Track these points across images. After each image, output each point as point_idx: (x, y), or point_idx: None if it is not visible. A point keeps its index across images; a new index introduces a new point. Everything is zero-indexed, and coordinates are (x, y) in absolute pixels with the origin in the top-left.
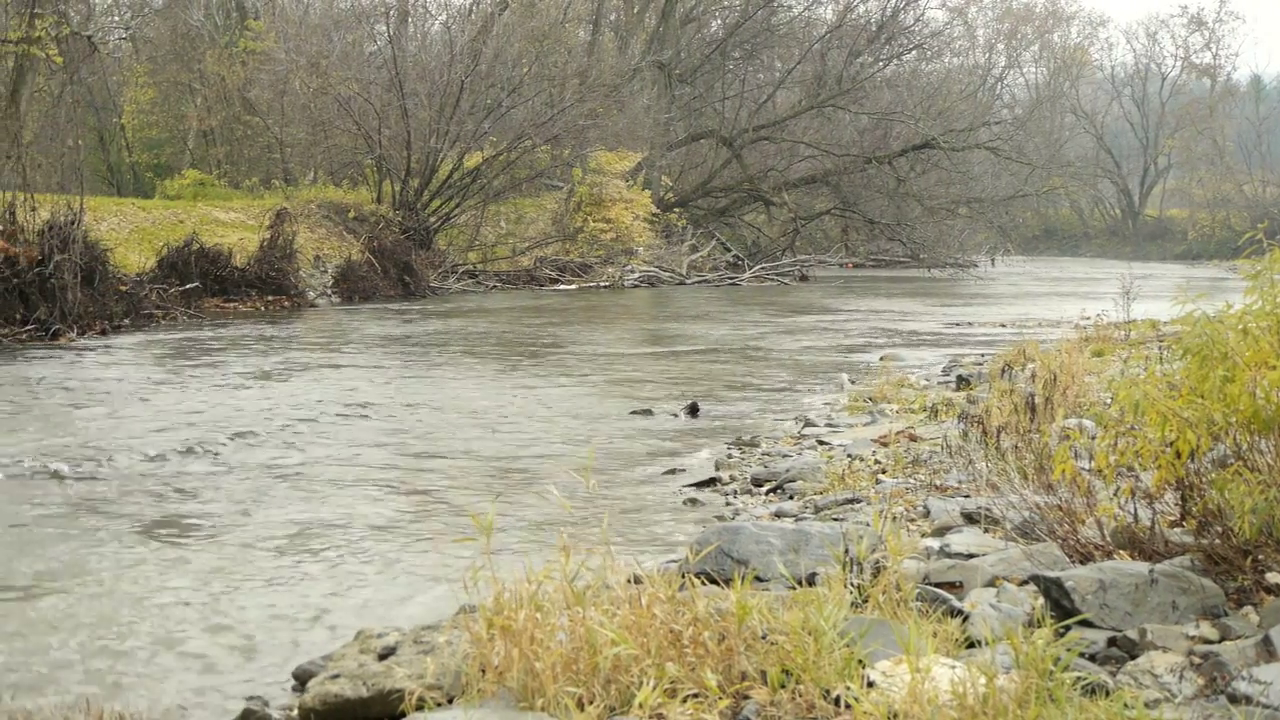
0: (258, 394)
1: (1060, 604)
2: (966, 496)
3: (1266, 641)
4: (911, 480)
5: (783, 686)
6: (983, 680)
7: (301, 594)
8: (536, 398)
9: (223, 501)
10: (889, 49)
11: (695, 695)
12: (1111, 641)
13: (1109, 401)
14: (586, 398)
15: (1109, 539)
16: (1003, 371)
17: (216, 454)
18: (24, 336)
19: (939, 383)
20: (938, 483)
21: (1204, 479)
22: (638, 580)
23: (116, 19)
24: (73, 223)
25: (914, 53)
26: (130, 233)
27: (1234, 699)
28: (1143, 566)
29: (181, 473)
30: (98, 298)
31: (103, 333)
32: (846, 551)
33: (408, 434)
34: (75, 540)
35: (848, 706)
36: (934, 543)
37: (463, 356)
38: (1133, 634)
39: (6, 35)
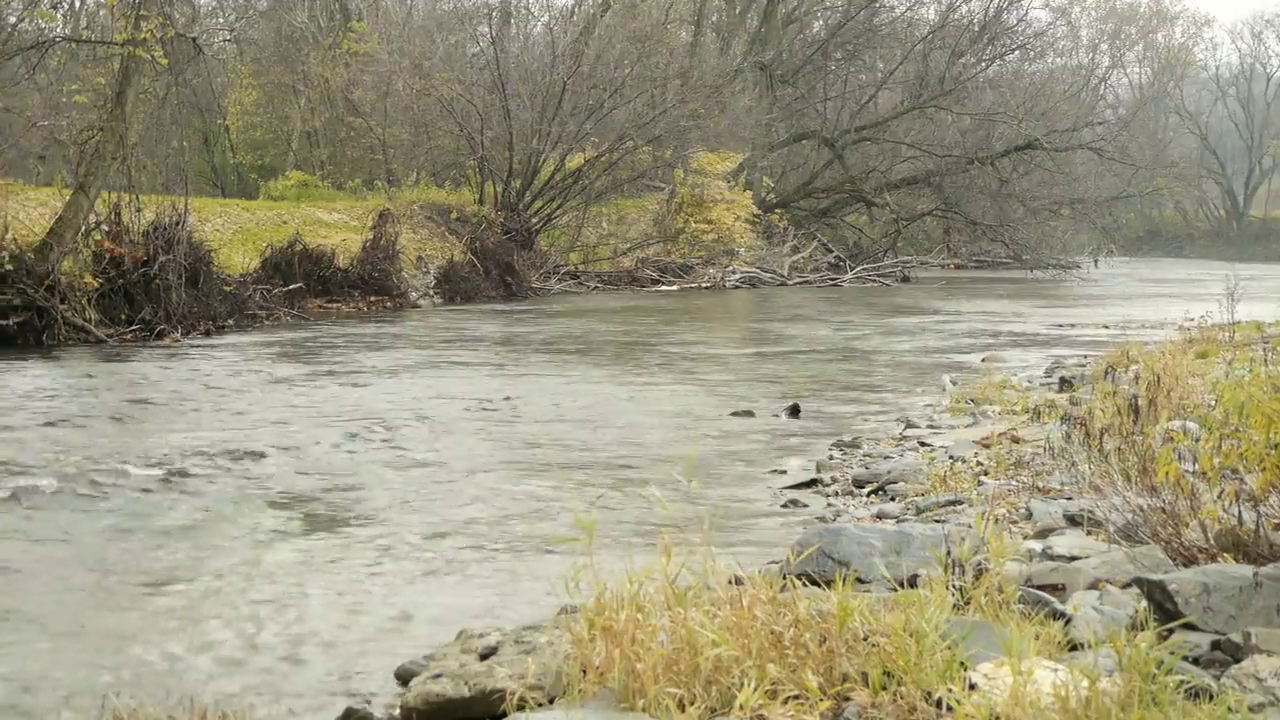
0: (368, 393)
1: (1163, 607)
2: (1069, 499)
3: None
4: (1014, 482)
5: (884, 688)
6: (1085, 683)
7: (406, 592)
8: (640, 398)
9: (332, 499)
10: (992, 49)
11: (796, 697)
12: (1215, 645)
13: (1213, 403)
14: (689, 398)
15: (1213, 542)
16: (1106, 373)
17: (329, 452)
18: (129, 337)
19: (1041, 384)
20: (1040, 485)
21: None
22: (739, 581)
23: (221, 21)
24: (177, 223)
25: (1017, 53)
26: (234, 233)
27: None
28: (1247, 569)
29: (296, 470)
30: (202, 298)
31: (207, 333)
32: (948, 553)
33: (514, 433)
34: (192, 537)
35: (949, 709)
36: (1036, 545)
37: (567, 357)
38: (1236, 637)
39: (112, 37)
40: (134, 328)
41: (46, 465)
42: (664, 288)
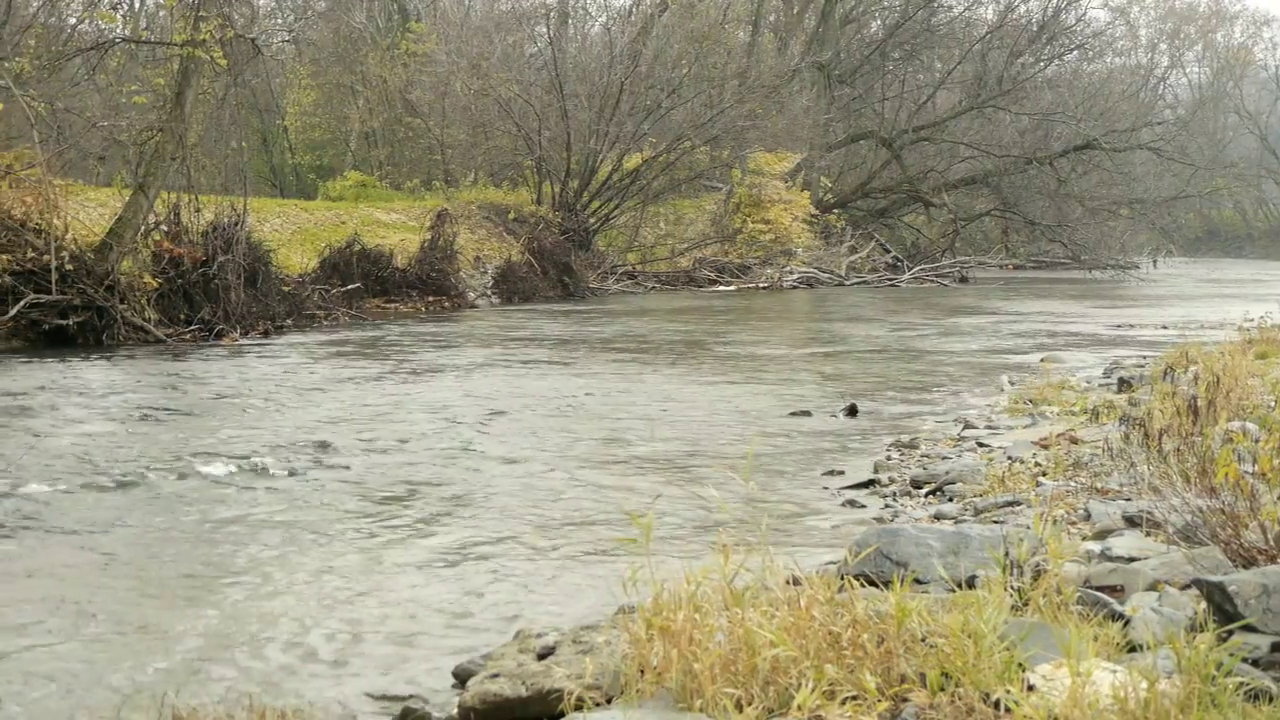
0: (429, 392)
1: (1223, 608)
2: (1128, 499)
3: None
4: (1072, 483)
5: (942, 689)
6: (1144, 684)
7: (464, 591)
8: (699, 397)
9: (394, 497)
10: (1050, 49)
11: (854, 697)
12: (1275, 646)
13: (1273, 404)
14: (746, 398)
15: (1272, 543)
16: (1165, 374)
17: (392, 451)
18: (188, 337)
19: (1100, 385)
20: (1099, 486)
21: None
22: (796, 581)
23: (280, 21)
24: (236, 224)
25: (1075, 53)
26: (293, 234)
27: None
28: None
29: (361, 469)
30: (260, 298)
31: (265, 333)
32: (1007, 554)
33: (575, 432)
34: (256, 534)
35: (1007, 710)
36: (1095, 546)
37: (627, 356)
38: None
39: (172, 38)
40: (193, 328)
41: (117, 461)
42: (721, 288)
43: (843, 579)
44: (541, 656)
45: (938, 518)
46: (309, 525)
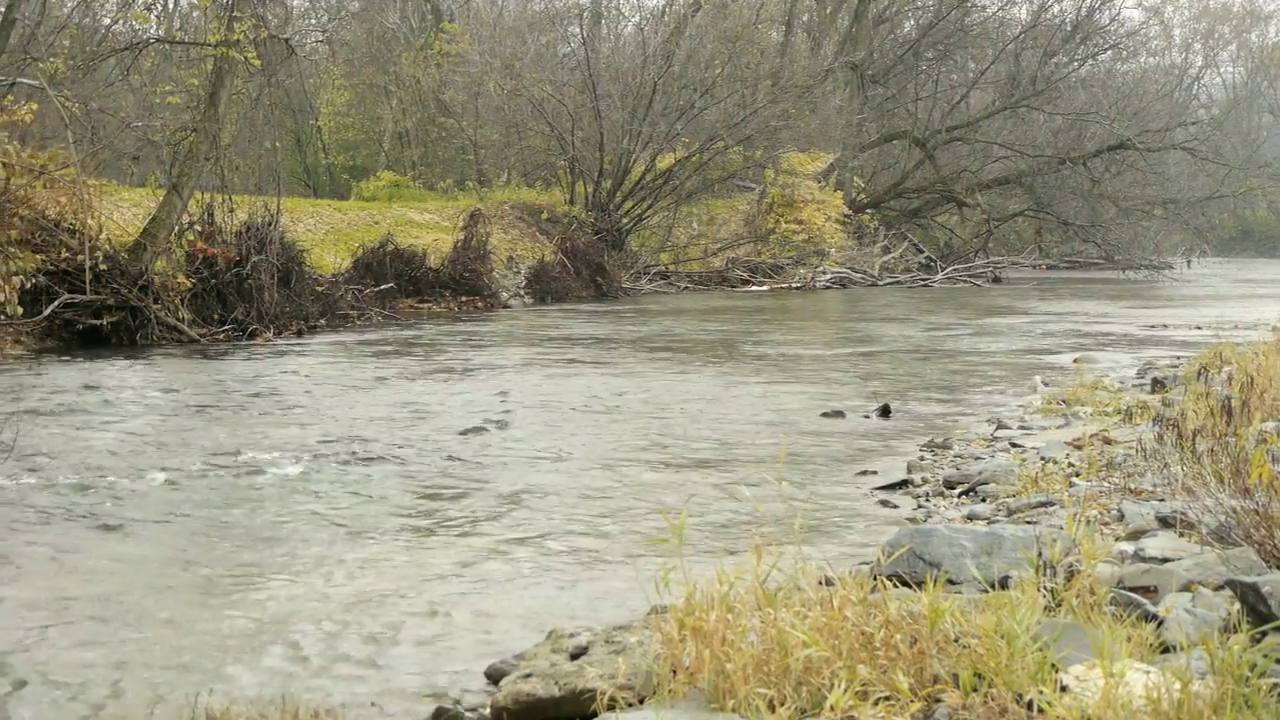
0: (464, 392)
1: (1256, 609)
2: (1161, 500)
3: None
4: (1105, 483)
5: (975, 690)
6: (1177, 685)
7: (498, 590)
8: (732, 397)
9: (430, 496)
10: (1084, 49)
11: (887, 698)
12: None
13: None
14: (779, 398)
15: None
16: (1198, 374)
17: (427, 450)
18: (221, 337)
19: (1133, 385)
20: (1132, 486)
21: None
22: (829, 582)
23: (313, 22)
24: (270, 224)
25: (1109, 53)
26: (326, 234)
27: None
28: None
29: (397, 468)
30: (294, 298)
31: (299, 333)
32: (1040, 555)
33: (608, 432)
34: (292, 534)
35: (1040, 711)
36: (1128, 546)
37: (660, 356)
38: None
39: (206, 39)
40: (226, 328)
41: (158, 459)
42: (754, 288)
43: (876, 579)
44: (574, 656)
45: (971, 518)
46: (348, 524)
